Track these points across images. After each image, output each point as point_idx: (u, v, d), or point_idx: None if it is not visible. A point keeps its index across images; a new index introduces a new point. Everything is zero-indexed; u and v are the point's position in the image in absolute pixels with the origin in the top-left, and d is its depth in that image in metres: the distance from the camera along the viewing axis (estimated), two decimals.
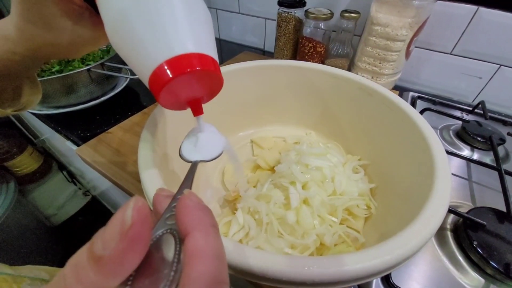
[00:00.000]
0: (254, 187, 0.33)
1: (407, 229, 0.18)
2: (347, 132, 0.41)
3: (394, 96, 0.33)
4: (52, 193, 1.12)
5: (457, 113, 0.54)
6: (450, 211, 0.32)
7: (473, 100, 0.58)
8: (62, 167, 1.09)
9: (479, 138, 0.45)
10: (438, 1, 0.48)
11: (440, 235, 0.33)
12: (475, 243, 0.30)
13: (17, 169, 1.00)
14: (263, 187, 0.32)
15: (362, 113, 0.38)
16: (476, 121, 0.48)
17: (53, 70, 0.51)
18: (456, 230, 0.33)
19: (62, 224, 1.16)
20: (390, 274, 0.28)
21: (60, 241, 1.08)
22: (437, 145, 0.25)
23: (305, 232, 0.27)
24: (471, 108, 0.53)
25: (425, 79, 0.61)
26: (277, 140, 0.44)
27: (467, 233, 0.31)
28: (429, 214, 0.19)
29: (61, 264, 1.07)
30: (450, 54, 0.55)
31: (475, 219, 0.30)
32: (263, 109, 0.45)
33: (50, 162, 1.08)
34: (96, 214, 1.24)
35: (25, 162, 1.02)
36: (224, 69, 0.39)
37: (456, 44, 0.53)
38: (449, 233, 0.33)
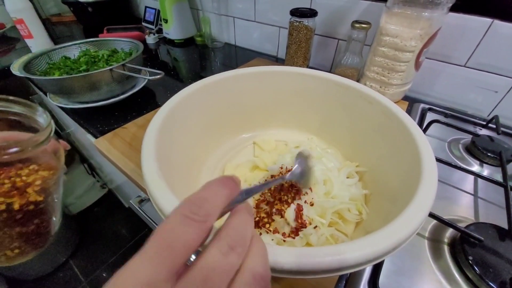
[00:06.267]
0: (249, 185, 0.35)
1: (384, 228, 0.19)
2: (347, 138, 0.41)
3: (393, 105, 0.33)
4: (73, 183, 1.20)
5: (470, 127, 0.52)
6: (448, 224, 0.32)
7: (489, 115, 0.56)
8: (83, 159, 1.16)
9: (489, 154, 0.43)
10: (451, 13, 0.47)
11: (436, 248, 0.32)
12: (470, 258, 0.29)
13: None
14: None
15: (362, 121, 0.38)
16: (488, 136, 0.47)
17: (80, 69, 0.56)
18: (453, 244, 0.32)
19: (79, 213, 1.24)
20: (377, 283, 0.28)
21: (76, 229, 1.15)
22: (426, 153, 0.25)
23: (292, 231, 0.28)
24: (485, 122, 0.52)
25: (439, 91, 0.59)
26: (278, 143, 0.45)
27: (463, 248, 0.30)
28: (408, 217, 0.20)
29: (74, 251, 1.12)
30: (464, 66, 0.53)
31: (472, 233, 0.30)
32: (268, 112, 0.47)
33: (73, 154, 1.16)
34: (111, 206, 1.31)
35: None
36: (234, 72, 0.41)
37: (470, 56, 0.52)
38: (445, 247, 0.32)
